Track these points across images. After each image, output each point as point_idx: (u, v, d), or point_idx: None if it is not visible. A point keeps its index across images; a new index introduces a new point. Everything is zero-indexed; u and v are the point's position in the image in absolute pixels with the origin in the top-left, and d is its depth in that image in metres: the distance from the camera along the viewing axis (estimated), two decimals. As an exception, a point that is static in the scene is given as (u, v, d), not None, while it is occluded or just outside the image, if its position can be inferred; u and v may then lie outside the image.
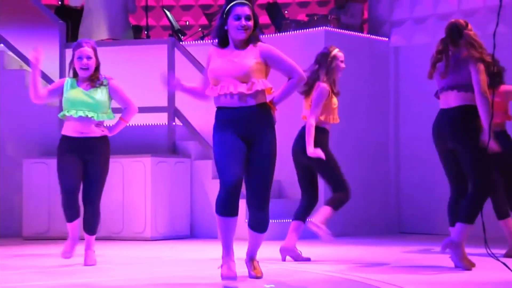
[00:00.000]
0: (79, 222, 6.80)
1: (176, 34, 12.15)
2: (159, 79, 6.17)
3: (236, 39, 5.45)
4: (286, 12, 13.01)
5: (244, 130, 5.46)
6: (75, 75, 6.75)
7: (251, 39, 5.50)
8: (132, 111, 6.97)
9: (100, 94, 6.66)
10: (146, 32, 13.00)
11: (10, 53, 10.98)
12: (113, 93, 6.76)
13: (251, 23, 5.41)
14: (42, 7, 11.43)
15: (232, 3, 5.43)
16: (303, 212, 7.51)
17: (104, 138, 6.76)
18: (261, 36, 6.11)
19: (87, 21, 12.14)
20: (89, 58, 6.62)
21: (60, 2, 13.43)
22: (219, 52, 5.55)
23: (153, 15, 13.75)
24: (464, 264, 6.26)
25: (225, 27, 5.46)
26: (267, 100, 5.56)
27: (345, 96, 8.09)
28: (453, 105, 6.66)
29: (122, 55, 10.67)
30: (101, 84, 6.71)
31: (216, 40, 5.59)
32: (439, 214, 8.87)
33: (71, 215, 6.73)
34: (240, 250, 5.76)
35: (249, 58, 5.42)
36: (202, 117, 10.18)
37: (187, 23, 13.53)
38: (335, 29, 10.99)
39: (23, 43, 10.90)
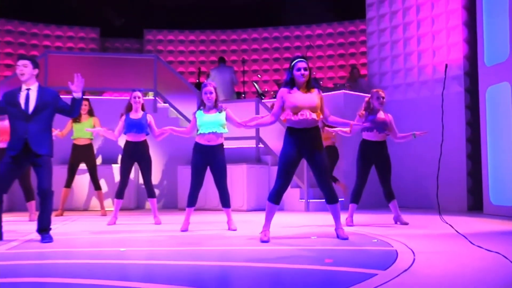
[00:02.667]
0: (191, 210, 6.46)
1: (260, 96, 12.25)
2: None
3: (299, 82, 5.22)
4: (321, 82, 13.08)
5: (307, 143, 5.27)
6: (203, 104, 6.46)
7: (310, 83, 5.30)
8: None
9: (221, 117, 6.38)
10: (243, 95, 13.18)
11: (171, 108, 11.18)
12: (228, 119, 6.43)
13: (307, 72, 5.23)
14: (188, 83, 11.60)
15: (295, 60, 5.25)
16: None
17: (222, 145, 6.46)
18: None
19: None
20: (211, 93, 6.39)
21: (197, 80, 13.66)
22: (290, 92, 5.25)
23: (247, 86, 13.87)
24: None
25: (291, 76, 5.25)
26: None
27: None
28: None
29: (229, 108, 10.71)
30: (221, 111, 6.41)
31: (287, 85, 5.29)
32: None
33: (191, 202, 6.45)
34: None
35: (316, 98, 5.27)
36: (273, 142, 10.34)
37: (266, 90, 13.62)
38: (350, 92, 10.92)
39: (178, 102, 11.17)
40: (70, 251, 4.73)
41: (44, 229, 5.42)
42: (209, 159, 6.41)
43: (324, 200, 5.42)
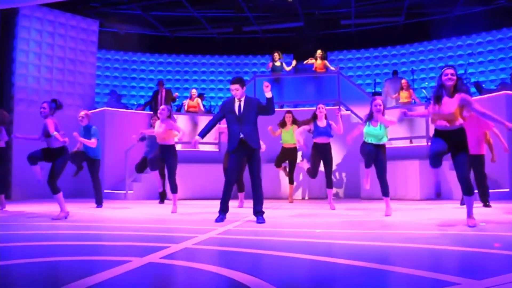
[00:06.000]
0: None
1: (429, 100, 11.60)
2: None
3: (446, 85, 4.81)
4: (483, 85, 12.02)
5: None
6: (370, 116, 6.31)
7: (457, 88, 4.87)
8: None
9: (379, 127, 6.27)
10: (413, 101, 12.51)
11: (353, 115, 10.99)
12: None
13: (454, 77, 4.81)
14: (365, 92, 11.34)
15: (443, 69, 4.87)
16: None
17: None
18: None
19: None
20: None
21: (373, 90, 13.28)
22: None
23: (417, 92, 13.19)
24: None
25: (441, 82, 4.86)
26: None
27: None
28: None
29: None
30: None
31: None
32: None
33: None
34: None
35: (453, 105, 4.83)
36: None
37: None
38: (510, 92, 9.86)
39: (358, 109, 10.82)
40: (277, 231, 4.90)
41: (258, 211, 5.72)
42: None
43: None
